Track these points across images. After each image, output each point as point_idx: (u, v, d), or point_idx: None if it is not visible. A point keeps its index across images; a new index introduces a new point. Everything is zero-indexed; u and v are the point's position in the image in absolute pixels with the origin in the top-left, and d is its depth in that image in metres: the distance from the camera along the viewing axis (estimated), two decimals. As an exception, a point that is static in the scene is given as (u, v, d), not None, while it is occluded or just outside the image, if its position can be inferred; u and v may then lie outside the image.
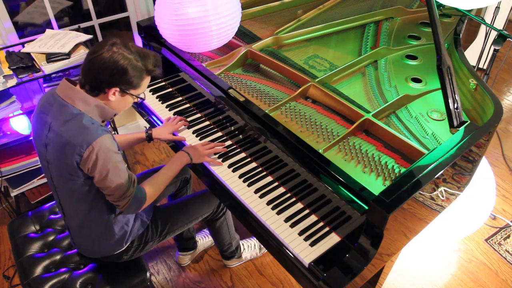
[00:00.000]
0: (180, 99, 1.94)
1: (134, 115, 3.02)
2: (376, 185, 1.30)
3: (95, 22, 2.65)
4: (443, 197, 1.40)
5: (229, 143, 1.69)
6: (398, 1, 2.21)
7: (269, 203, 1.44)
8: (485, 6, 1.81)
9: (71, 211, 1.46)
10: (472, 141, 1.32)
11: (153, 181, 1.49)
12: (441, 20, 2.08)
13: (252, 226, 1.43)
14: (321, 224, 1.37)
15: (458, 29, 1.88)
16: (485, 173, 1.88)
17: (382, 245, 1.18)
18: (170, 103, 1.92)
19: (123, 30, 3.36)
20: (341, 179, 1.25)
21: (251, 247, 2.17)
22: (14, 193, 2.26)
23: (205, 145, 1.62)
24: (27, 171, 2.22)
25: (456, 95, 1.34)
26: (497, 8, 2.39)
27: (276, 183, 1.51)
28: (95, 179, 1.31)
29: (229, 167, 1.58)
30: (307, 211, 1.41)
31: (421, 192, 1.22)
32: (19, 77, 2.01)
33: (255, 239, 2.18)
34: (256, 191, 1.48)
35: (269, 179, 1.53)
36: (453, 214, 1.84)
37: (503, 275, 2.10)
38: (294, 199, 1.45)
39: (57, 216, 1.77)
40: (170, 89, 1.99)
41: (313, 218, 1.39)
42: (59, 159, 1.30)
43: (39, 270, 1.56)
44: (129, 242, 1.54)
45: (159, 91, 1.98)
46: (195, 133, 1.75)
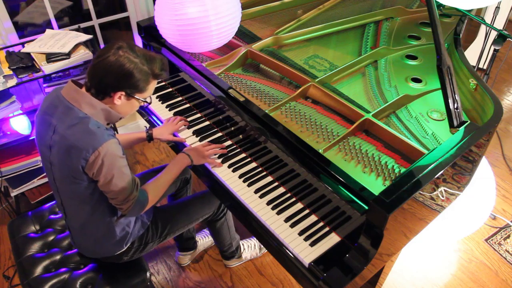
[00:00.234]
0: (180, 99, 1.93)
1: (134, 115, 3.02)
2: (376, 185, 1.30)
3: (95, 22, 2.65)
4: (443, 197, 1.40)
5: (229, 143, 1.68)
6: (398, 1, 2.21)
7: (269, 203, 1.44)
8: (485, 6, 1.81)
9: (73, 212, 1.46)
10: (472, 141, 1.32)
11: (155, 184, 1.50)
12: (441, 20, 2.08)
13: (252, 226, 1.43)
14: (321, 224, 1.37)
15: (458, 29, 1.88)
16: (485, 173, 1.88)
17: (382, 245, 1.18)
18: (170, 103, 1.92)
19: (123, 30, 3.36)
20: (341, 179, 1.25)
21: (251, 247, 2.17)
22: (14, 193, 2.26)
23: (205, 146, 1.62)
24: (27, 171, 2.22)
25: (456, 95, 1.34)
26: (497, 8, 2.39)
27: (276, 183, 1.51)
28: (99, 183, 1.31)
29: (229, 167, 1.58)
30: (307, 211, 1.41)
31: (421, 192, 1.22)
32: (19, 77, 2.01)
33: (255, 239, 2.18)
34: (256, 191, 1.48)
35: (269, 179, 1.53)
36: (453, 214, 1.84)
37: (503, 275, 2.10)
38: (294, 199, 1.45)
39: (57, 216, 1.77)
40: (170, 89, 1.99)
41: (313, 218, 1.39)
42: (63, 162, 1.29)
43: (39, 270, 1.56)
44: (130, 243, 1.54)
45: (159, 91, 1.98)
46: (195, 133, 1.75)
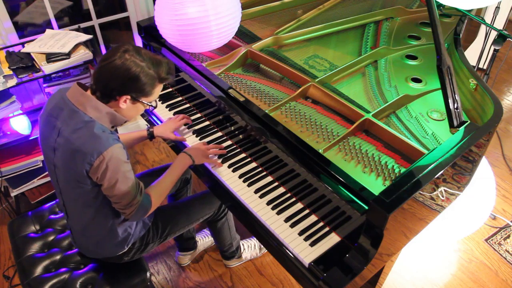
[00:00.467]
0: (180, 99, 1.93)
1: (134, 115, 3.01)
2: (376, 185, 1.30)
3: (95, 22, 2.65)
4: (443, 197, 1.40)
5: (229, 143, 1.68)
6: (398, 1, 2.21)
7: (269, 203, 1.44)
8: (485, 6, 1.81)
9: (76, 214, 1.46)
10: (472, 141, 1.32)
11: (158, 188, 1.49)
12: (441, 20, 2.08)
13: (252, 226, 1.43)
14: (321, 224, 1.37)
15: (458, 29, 1.88)
16: (485, 173, 1.88)
17: (382, 245, 1.18)
18: (170, 103, 1.92)
19: (123, 30, 3.36)
20: (341, 179, 1.25)
21: (251, 247, 2.17)
22: (14, 193, 2.26)
23: (205, 144, 1.62)
24: (27, 171, 2.22)
25: (456, 95, 1.34)
26: (497, 8, 2.39)
27: (276, 183, 1.51)
28: (103, 187, 1.30)
29: (229, 167, 1.58)
30: (307, 211, 1.41)
31: (421, 192, 1.22)
32: (19, 77, 2.01)
33: (255, 239, 2.18)
34: (256, 191, 1.48)
35: (269, 179, 1.53)
36: (453, 214, 1.84)
37: (503, 275, 2.10)
38: (294, 199, 1.45)
39: (57, 216, 1.77)
40: (170, 89, 1.99)
41: (313, 218, 1.39)
42: (67, 165, 1.29)
43: (39, 270, 1.56)
44: (131, 244, 1.54)
45: (159, 91, 1.98)
46: (195, 133, 1.75)
